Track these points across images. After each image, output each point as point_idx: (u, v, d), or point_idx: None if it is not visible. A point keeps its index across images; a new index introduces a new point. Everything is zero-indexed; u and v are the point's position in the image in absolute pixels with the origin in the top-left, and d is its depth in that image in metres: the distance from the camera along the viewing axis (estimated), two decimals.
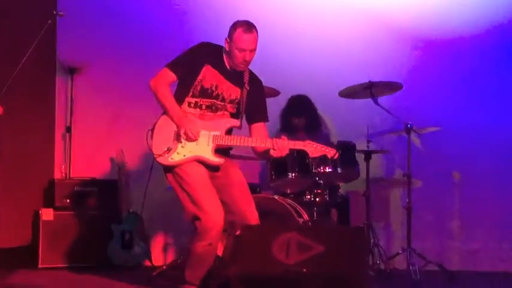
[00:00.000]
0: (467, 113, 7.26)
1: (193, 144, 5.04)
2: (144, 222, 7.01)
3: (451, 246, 7.31)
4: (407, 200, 6.48)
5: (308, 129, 6.91)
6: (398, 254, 6.58)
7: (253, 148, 5.25)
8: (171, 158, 5.04)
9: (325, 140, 6.78)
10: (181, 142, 5.05)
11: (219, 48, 5.18)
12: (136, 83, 6.94)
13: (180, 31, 7.40)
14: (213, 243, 5.02)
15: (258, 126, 5.29)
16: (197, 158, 5.06)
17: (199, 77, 5.09)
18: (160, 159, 5.05)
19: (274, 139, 5.09)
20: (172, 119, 5.07)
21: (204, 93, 5.11)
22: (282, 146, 5.06)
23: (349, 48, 7.41)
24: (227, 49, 5.11)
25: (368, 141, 6.58)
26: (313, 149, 5.08)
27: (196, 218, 4.98)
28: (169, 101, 5.07)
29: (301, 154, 6.33)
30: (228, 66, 5.16)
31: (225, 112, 5.19)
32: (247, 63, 5.13)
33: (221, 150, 5.15)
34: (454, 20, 7.34)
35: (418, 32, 7.40)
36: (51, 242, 6.80)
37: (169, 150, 5.03)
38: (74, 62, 7.32)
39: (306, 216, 6.16)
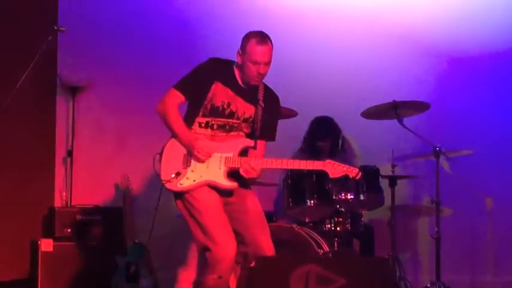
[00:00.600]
0: (501, 135, 7.24)
1: (204, 168, 4.98)
2: (150, 253, 6.97)
3: (484, 279, 7.26)
4: (436, 229, 6.43)
5: (332, 153, 6.89)
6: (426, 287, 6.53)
7: None
8: (180, 184, 4.98)
9: (350, 164, 6.75)
10: (190, 166, 4.99)
11: (229, 64, 5.10)
12: (142, 103, 6.97)
13: (188, 47, 7.40)
14: (223, 276, 4.93)
15: (260, 144, 5.14)
16: (208, 183, 4.98)
17: (209, 95, 5.01)
18: (168, 185, 4.99)
19: (291, 160, 5.14)
20: (181, 142, 5.01)
21: (215, 112, 5.03)
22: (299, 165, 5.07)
23: (372, 66, 7.44)
24: (240, 62, 5.03)
25: (393, 166, 6.55)
26: (333, 169, 4.99)
27: (206, 249, 4.93)
28: (178, 123, 5.02)
29: (320, 179, 6.33)
30: (240, 82, 5.08)
31: (240, 132, 5.10)
32: (262, 76, 5.04)
33: (236, 174, 5.05)
34: (484, 34, 7.35)
35: (446, 48, 7.44)
36: (50, 275, 6.77)
37: (178, 175, 4.98)
38: (76, 80, 7.33)
39: (326, 247, 6.12)
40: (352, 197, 6.37)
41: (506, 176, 7.20)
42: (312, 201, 6.29)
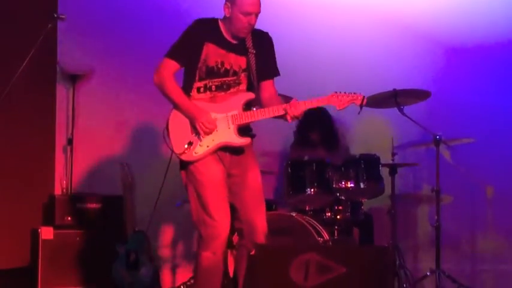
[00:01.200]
0: (501, 123, 7.24)
1: (214, 132, 4.95)
2: (151, 241, 6.98)
3: (484, 268, 7.27)
4: (436, 218, 6.45)
5: (326, 144, 6.90)
6: (426, 276, 6.55)
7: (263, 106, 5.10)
8: (195, 152, 4.96)
9: (346, 154, 6.77)
10: (202, 134, 4.97)
11: (214, 22, 5.08)
12: (142, 91, 6.96)
13: None
14: (217, 252, 4.97)
15: (266, 84, 5.14)
16: (222, 145, 4.98)
17: (202, 57, 5.00)
18: (184, 157, 4.97)
19: (286, 104, 4.97)
20: (182, 112, 4.99)
21: (211, 72, 5.02)
22: (297, 111, 4.96)
23: (373, 55, 7.44)
24: (227, 15, 5.00)
25: (393, 154, 6.56)
26: (338, 100, 4.98)
27: (201, 222, 4.97)
28: (177, 94, 5.00)
29: (321, 168, 6.33)
30: (228, 37, 5.05)
31: (239, 87, 5.07)
32: (252, 27, 4.99)
33: (243, 130, 5.04)
34: (485, 24, 7.34)
35: (446, 37, 7.43)
36: (51, 262, 6.77)
37: (190, 144, 4.96)
38: (76, 68, 7.32)
39: (326, 235, 6.13)
40: (352, 185, 6.38)
41: (507, 164, 7.20)
42: (312, 190, 6.30)
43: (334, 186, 6.36)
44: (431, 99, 6.59)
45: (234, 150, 5.03)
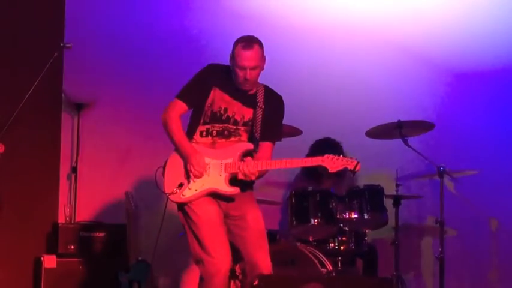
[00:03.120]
0: (506, 155, 7.24)
1: (205, 177, 5.00)
2: (154, 271, 6.99)
3: None
4: (440, 250, 6.43)
5: (333, 175, 6.91)
6: None
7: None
8: (183, 195, 5.03)
9: (349, 185, 6.78)
10: (193, 177, 5.03)
11: (226, 68, 5.12)
12: (147, 121, 6.97)
13: (196, 65, 7.43)
14: None
15: (266, 145, 5.14)
16: (210, 191, 5.01)
17: (209, 101, 5.07)
18: (173, 197, 5.05)
19: (284, 160, 5.00)
20: (180, 153, 5.06)
21: (214, 117, 5.07)
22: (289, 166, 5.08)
23: (377, 85, 7.44)
24: (231, 67, 5.07)
25: (397, 185, 6.57)
26: (332, 162, 4.97)
27: (200, 261, 4.99)
28: (178, 135, 5.07)
29: (324, 198, 6.35)
30: (236, 86, 5.09)
31: (240, 137, 5.12)
32: (250, 82, 5.02)
33: (242, 182, 5.03)
34: (490, 51, 7.37)
35: (452, 66, 7.44)
36: None
37: (181, 186, 5.03)
38: (81, 97, 7.35)
39: (329, 266, 6.13)
40: (356, 216, 6.38)
41: (511, 197, 7.20)
42: (315, 220, 6.31)
43: (337, 216, 6.37)
44: (435, 130, 6.61)
45: (224, 198, 5.05)
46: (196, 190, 5.01)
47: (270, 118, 5.12)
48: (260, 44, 5.06)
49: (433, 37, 7.45)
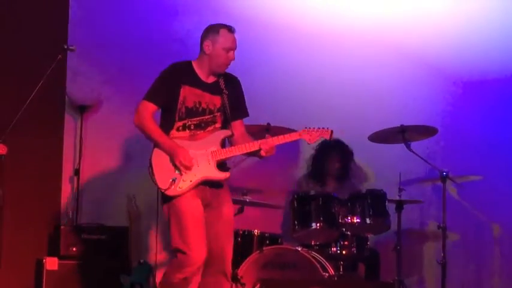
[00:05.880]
0: (509, 161, 7.23)
1: (195, 167, 5.29)
2: (156, 273, 6.99)
3: None
4: (442, 255, 6.44)
5: (339, 177, 6.95)
6: None
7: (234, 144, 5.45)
8: (179, 187, 5.28)
9: (352, 189, 6.79)
10: (183, 170, 5.29)
11: (188, 64, 5.47)
12: None
13: None
14: (188, 278, 5.24)
15: (237, 124, 5.50)
16: (204, 179, 5.31)
17: (180, 99, 5.37)
18: (169, 192, 5.28)
19: (261, 140, 5.34)
20: (163, 150, 5.33)
21: (190, 113, 5.38)
22: (270, 147, 5.33)
23: (380, 90, 7.44)
24: (208, 52, 5.38)
25: (400, 190, 6.56)
26: (309, 135, 5.38)
27: (179, 251, 5.24)
28: (157, 133, 5.35)
29: (327, 203, 6.36)
30: (202, 78, 5.43)
31: (215, 126, 5.42)
32: (231, 62, 5.41)
33: (221, 165, 5.38)
34: (495, 58, 7.36)
35: (455, 72, 7.43)
36: None
37: (174, 180, 5.28)
38: (84, 99, 7.36)
39: (331, 271, 6.14)
40: (358, 220, 6.40)
41: None
42: (317, 224, 6.33)
43: (340, 221, 6.38)
44: (438, 135, 6.62)
45: (214, 184, 5.38)
46: (191, 181, 5.28)
47: (235, 98, 5.49)
48: None
49: (437, 43, 7.45)
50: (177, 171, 5.28)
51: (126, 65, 7.46)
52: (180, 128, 5.38)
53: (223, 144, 5.41)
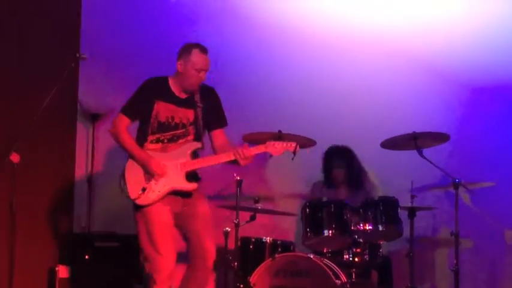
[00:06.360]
0: None
1: (165, 178, 5.54)
2: None
3: None
4: (454, 262, 6.40)
5: (350, 184, 6.94)
6: None
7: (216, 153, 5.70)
8: (148, 197, 5.54)
9: (365, 196, 6.77)
10: (153, 180, 5.55)
11: (164, 80, 5.71)
12: None
13: (210, 73, 7.46)
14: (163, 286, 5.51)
15: (217, 133, 5.76)
16: (172, 189, 5.56)
17: (153, 114, 5.62)
18: (139, 201, 5.56)
19: (235, 149, 5.53)
20: (136, 161, 5.59)
21: (162, 127, 5.62)
22: (245, 155, 5.50)
23: (392, 96, 7.43)
24: (180, 71, 5.62)
25: (412, 197, 6.53)
26: (274, 148, 5.55)
27: (148, 259, 5.54)
28: (130, 145, 5.61)
29: (339, 210, 6.35)
30: (176, 93, 5.67)
31: (187, 138, 5.65)
32: (202, 82, 5.62)
33: (191, 176, 5.61)
34: (506, 63, 7.34)
35: (467, 77, 7.40)
36: None
37: (144, 190, 5.55)
38: (97, 107, 7.39)
39: (344, 278, 6.12)
40: (370, 227, 6.38)
41: None
42: (330, 232, 6.31)
43: (352, 228, 6.36)
44: (450, 142, 6.60)
45: (184, 194, 5.63)
46: (159, 191, 5.55)
47: (212, 110, 5.72)
48: None
49: (449, 49, 7.43)
50: (147, 182, 5.54)
51: (138, 74, 7.45)
52: (154, 141, 5.63)
53: (193, 156, 5.62)
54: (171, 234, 5.62)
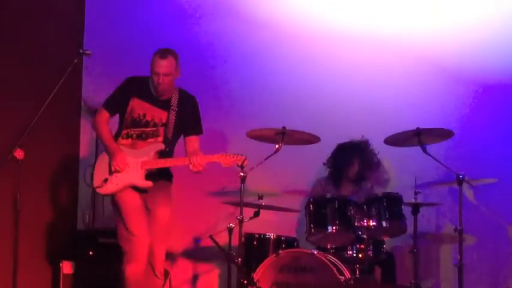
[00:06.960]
0: None
1: (125, 173, 5.93)
2: (172, 277, 6.99)
3: None
4: (458, 258, 6.40)
5: (355, 180, 6.95)
6: None
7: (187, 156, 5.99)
8: (107, 188, 5.98)
9: (368, 193, 6.77)
10: (114, 172, 5.93)
11: (145, 79, 6.06)
12: None
13: (212, 70, 7.46)
14: (139, 261, 5.88)
15: (191, 139, 6.09)
16: (128, 184, 5.95)
17: (128, 109, 6.01)
18: (99, 190, 6.03)
19: (190, 156, 5.87)
20: (107, 153, 6.00)
21: (133, 123, 6.02)
22: (196, 163, 5.81)
23: (396, 93, 7.42)
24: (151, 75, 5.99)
25: (416, 193, 6.54)
26: (226, 159, 5.85)
27: (124, 240, 5.91)
28: (106, 137, 6.03)
29: (343, 206, 6.34)
30: (155, 93, 6.02)
31: (156, 139, 6.01)
32: (162, 86, 5.92)
33: (152, 174, 5.95)
34: (510, 62, 7.33)
35: (471, 75, 7.39)
36: None
37: (105, 181, 5.98)
38: (100, 103, 7.37)
39: (347, 274, 6.12)
40: (374, 223, 6.38)
41: None
42: (333, 228, 6.32)
43: (356, 224, 6.36)
44: (454, 138, 6.59)
45: (141, 190, 5.98)
46: (117, 184, 5.95)
47: (187, 116, 6.06)
48: (175, 56, 6.02)
49: (454, 47, 7.43)
50: (109, 174, 5.95)
51: (142, 70, 7.46)
52: (125, 135, 6.04)
53: (157, 156, 5.97)
54: (142, 213, 5.96)
